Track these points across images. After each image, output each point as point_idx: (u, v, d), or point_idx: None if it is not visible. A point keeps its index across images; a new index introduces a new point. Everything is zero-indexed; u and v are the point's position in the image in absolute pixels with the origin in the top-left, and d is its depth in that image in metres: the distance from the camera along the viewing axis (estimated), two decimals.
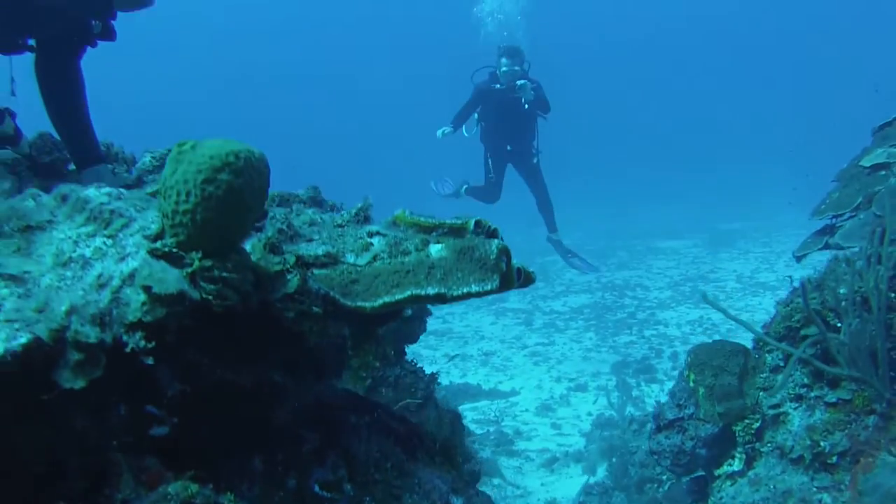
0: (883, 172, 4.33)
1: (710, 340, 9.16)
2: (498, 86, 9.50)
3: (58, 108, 2.83)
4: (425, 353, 10.33)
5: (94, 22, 2.75)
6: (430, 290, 1.45)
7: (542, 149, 10.17)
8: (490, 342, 10.81)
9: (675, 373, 8.52)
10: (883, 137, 4.71)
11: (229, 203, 1.29)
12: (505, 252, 1.55)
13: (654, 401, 7.93)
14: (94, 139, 2.88)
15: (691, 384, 3.06)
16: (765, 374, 2.90)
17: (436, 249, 1.52)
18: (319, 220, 1.79)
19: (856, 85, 38.11)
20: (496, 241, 1.57)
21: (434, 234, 1.59)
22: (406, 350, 3.79)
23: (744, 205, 24.41)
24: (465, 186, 10.49)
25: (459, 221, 1.60)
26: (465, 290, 1.50)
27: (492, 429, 7.81)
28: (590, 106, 45.62)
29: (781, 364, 2.80)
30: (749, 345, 3.77)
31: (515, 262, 1.58)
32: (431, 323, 11.51)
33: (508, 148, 10.11)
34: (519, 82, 9.24)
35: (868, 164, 4.40)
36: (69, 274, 1.39)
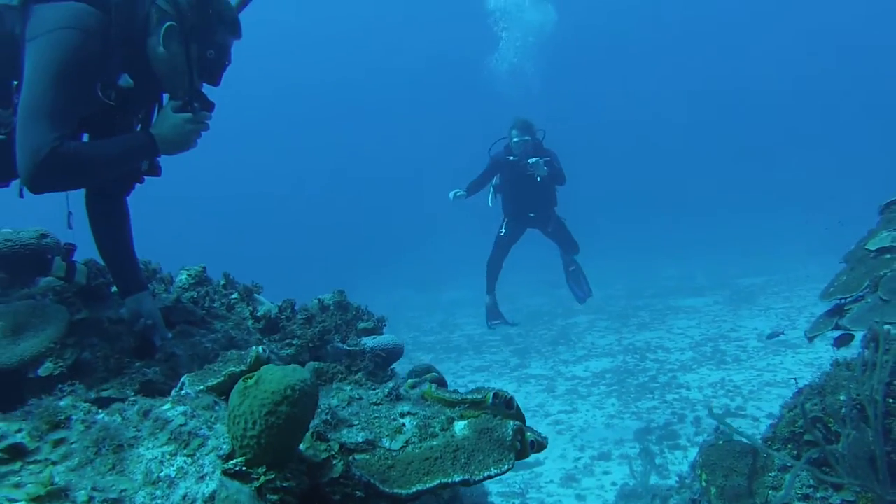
0: (888, 256, 4.46)
1: (732, 403, 9.25)
2: (512, 157, 9.77)
3: (105, 241, 3.04)
4: None
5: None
6: (456, 478, 1.64)
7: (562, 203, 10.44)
8: None
9: (698, 439, 8.60)
10: (888, 220, 4.85)
11: (288, 428, 1.52)
12: (519, 431, 1.72)
13: (677, 469, 8.00)
14: (138, 268, 3.08)
15: (703, 483, 3.18)
16: (773, 474, 3.01)
17: (460, 427, 1.72)
18: (357, 396, 1.99)
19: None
20: (512, 422, 1.75)
21: (458, 408, 1.78)
22: None
23: (764, 254, 24.47)
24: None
25: (479, 396, 1.79)
26: (485, 475, 1.67)
27: (517, 501, 7.88)
28: (610, 156, 46.03)
29: (789, 464, 2.92)
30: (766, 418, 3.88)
31: (529, 435, 1.75)
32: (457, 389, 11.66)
33: (531, 215, 10.37)
34: (531, 160, 9.46)
35: (873, 248, 4.55)
36: (159, 493, 1.63)
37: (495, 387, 1.86)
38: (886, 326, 2.95)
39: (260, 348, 2.14)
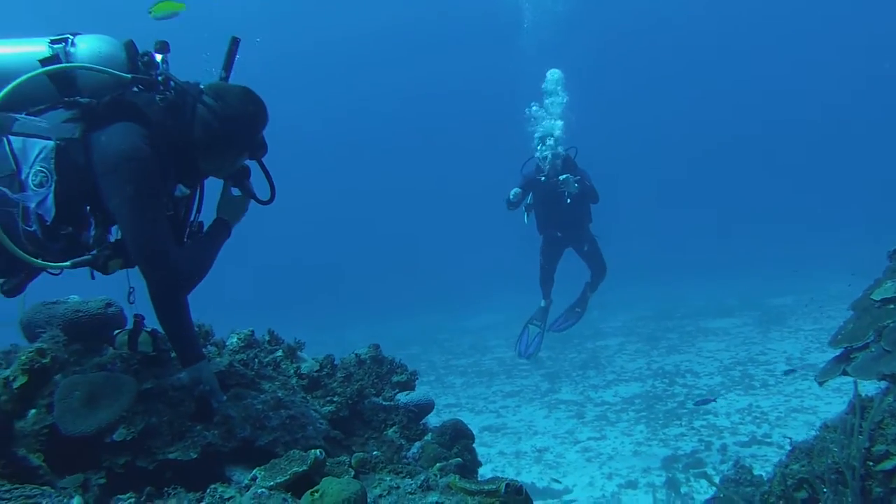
0: (892, 306, 4.70)
1: (759, 430, 9.43)
2: (543, 178, 9.82)
3: (165, 318, 3.38)
4: (481, 451, 10.68)
5: None
6: None
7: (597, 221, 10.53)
8: (543, 437, 11.15)
9: (724, 467, 8.80)
10: (894, 269, 5.10)
11: None
12: None
13: (702, 498, 8.21)
14: (196, 338, 3.42)
15: None
16: None
17: None
18: (395, 486, 2.34)
19: None
20: None
21: (476, 497, 2.11)
22: None
23: (795, 273, 24.49)
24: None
25: (494, 486, 2.12)
26: None
27: None
28: (642, 173, 46.16)
29: None
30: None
31: None
32: (486, 418, 12.02)
33: (559, 234, 10.47)
34: (561, 177, 9.53)
35: (878, 298, 4.79)
36: None
37: (507, 477, 2.19)
38: (867, 393, 3.22)
39: (318, 452, 2.50)
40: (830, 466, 2.88)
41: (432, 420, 4.20)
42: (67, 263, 2.96)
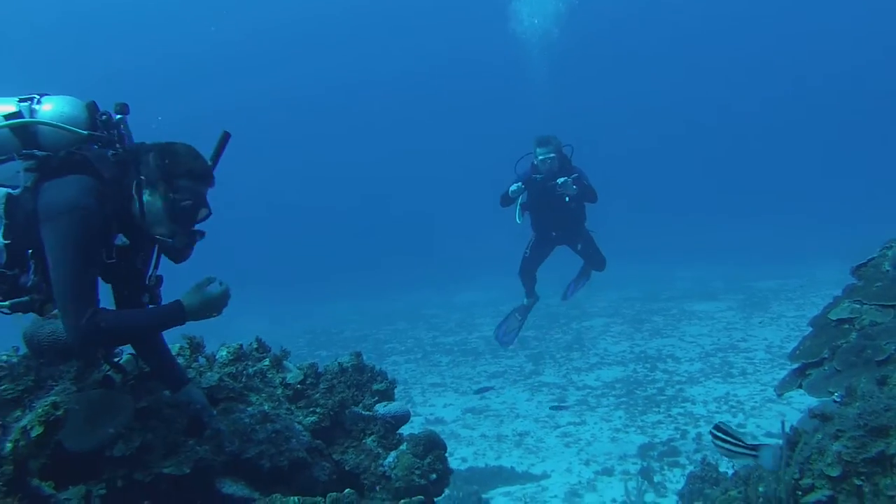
0: (847, 326, 4.98)
1: (734, 419, 9.75)
2: (538, 176, 9.58)
3: (143, 350, 3.68)
4: (463, 434, 11.05)
5: None
6: None
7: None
8: (524, 421, 11.44)
9: (698, 456, 9.10)
10: (852, 289, 5.37)
11: None
12: None
13: (675, 487, 8.51)
14: (177, 366, 3.73)
15: None
16: None
17: None
18: None
19: None
20: None
21: None
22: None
23: (782, 255, 24.82)
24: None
25: None
26: None
27: None
28: (630, 155, 46.28)
29: None
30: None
31: None
32: (470, 401, 12.28)
33: (553, 234, 10.33)
34: (560, 180, 9.29)
35: (834, 318, 5.07)
36: None
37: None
38: (800, 424, 3.48)
39: None
40: (763, 495, 3.15)
41: (406, 429, 4.46)
42: (6, 304, 3.14)
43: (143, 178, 3.20)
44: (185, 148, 3.32)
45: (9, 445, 2.59)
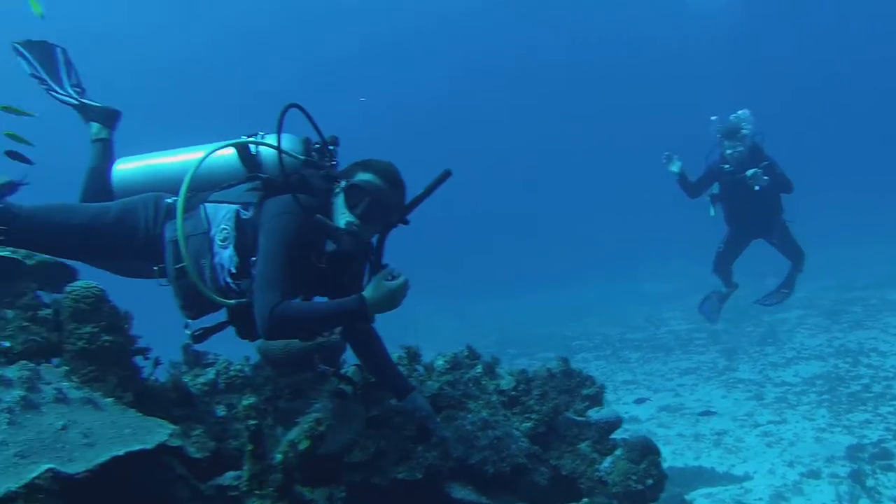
0: None
1: None
2: (727, 166, 9.42)
3: (369, 360, 4.13)
4: (659, 433, 10.91)
5: None
6: None
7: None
8: (721, 419, 11.21)
9: None
10: None
11: None
12: None
13: (891, 493, 8.07)
14: (400, 374, 4.14)
15: None
16: None
17: None
18: None
19: None
20: None
21: None
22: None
23: None
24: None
25: None
26: None
27: None
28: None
29: None
30: None
31: None
32: (664, 397, 12.19)
33: (747, 227, 10.16)
34: (749, 172, 9.06)
35: None
36: None
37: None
38: None
39: None
40: None
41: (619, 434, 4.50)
42: (232, 302, 3.54)
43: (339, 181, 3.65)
44: (382, 161, 3.72)
45: (279, 457, 2.91)
